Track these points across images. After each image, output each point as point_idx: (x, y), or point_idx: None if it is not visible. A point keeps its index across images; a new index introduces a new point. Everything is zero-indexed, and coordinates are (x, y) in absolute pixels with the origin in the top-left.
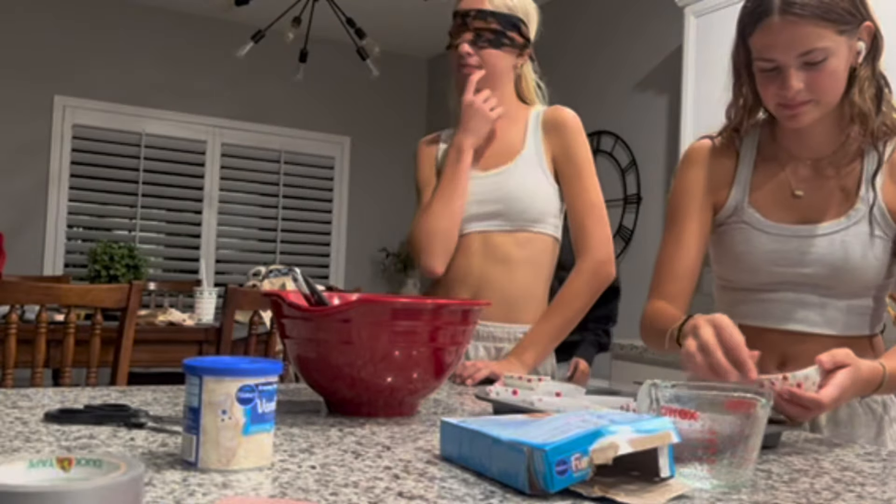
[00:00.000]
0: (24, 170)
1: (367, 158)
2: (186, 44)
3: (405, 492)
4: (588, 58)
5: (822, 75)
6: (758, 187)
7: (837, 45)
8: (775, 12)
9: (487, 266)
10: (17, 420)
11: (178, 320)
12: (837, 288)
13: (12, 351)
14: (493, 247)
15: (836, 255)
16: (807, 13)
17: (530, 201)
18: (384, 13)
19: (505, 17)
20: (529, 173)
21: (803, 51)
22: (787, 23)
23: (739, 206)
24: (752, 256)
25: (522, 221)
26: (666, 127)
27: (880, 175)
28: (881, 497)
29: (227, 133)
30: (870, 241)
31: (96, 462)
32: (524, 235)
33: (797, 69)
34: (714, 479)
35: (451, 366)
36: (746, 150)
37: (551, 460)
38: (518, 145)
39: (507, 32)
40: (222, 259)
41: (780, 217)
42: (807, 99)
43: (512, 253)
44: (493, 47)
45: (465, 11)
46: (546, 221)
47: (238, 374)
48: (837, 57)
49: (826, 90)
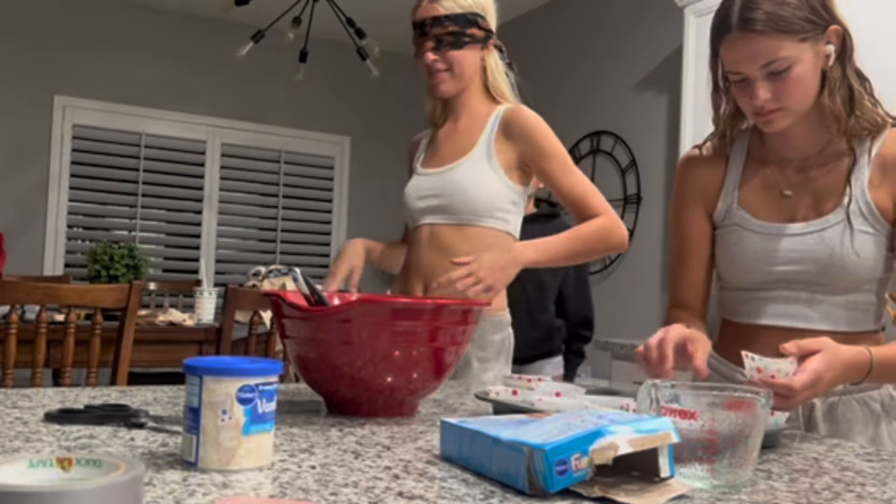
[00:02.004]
0: (24, 170)
1: (367, 158)
2: (186, 44)
3: (405, 492)
4: (588, 58)
5: (787, 83)
6: (747, 189)
7: (800, 53)
8: (734, 28)
9: (434, 258)
10: (17, 420)
11: (178, 320)
12: (830, 284)
13: (12, 351)
14: (438, 239)
15: (824, 252)
16: (764, 28)
17: (474, 196)
18: (384, 13)
19: (461, 17)
20: (476, 169)
21: (765, 62)
22: (747, 38)
23: (730, 209)
24: (745, 256)
25: (467, 215)
26: (666, 127)
27: (866, 172)
28: (881, 497)
29: (227, 133)
30: (854, 237)
31: (96, 462)
32: (472, 230)
33: (763, 79)
34: (714, 479)
35: (451, 366)
36: (736, 154)
37: (551, 460)
38: (471, 143)
39: (467, 31)
40: (222, 259)
41: (770, 217)
42: (776, 107)
43: (457, 246)
44: (455, 49)
45: (421, 21)
46: (495, 216)
47: (238, 374)
48: (802, 64)
49: (793, 97)
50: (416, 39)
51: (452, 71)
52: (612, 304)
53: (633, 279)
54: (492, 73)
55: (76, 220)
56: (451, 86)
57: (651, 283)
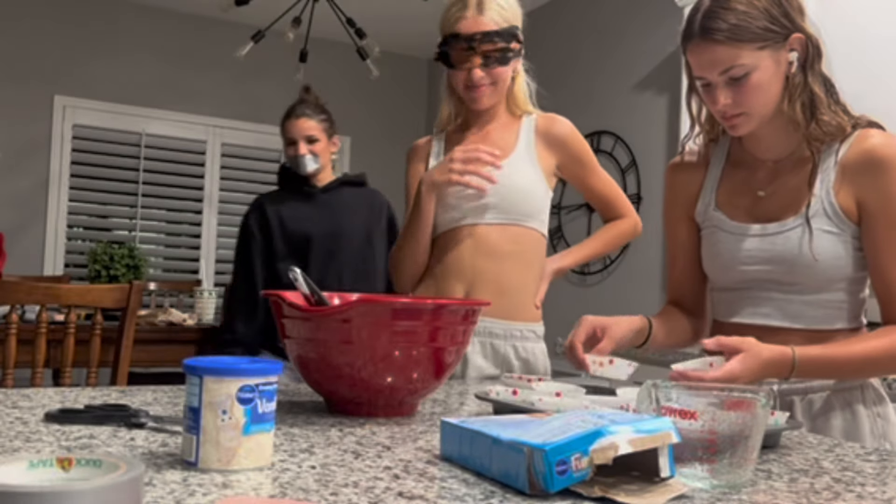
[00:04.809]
0: (24, 170)
1: (367, 158)
2: (186, 44)
3: (405, 492)
4: (588, 58)
5: (746, 89)
6: (724, 191)
7: (758, 60)
8: (696, 35)
9: (479, 259)
10: (18, 420)
11: (178, 320)
12: (799, 284)
13: (12, 351)
14: (484, 240)
15: (790, 252)
16: (722, 37)
17: (524, 196)
18: (384, 13)
19: (506, 32)
20: (523, 169)
21: (723, 69)
22: (707, 45)
23: (707, 210)
24: (721, 257)
25: (516, 215)
26: (666, 127)
27: (832, 174)
28: (881, 497)
29: (227, 133)
30: (814, 238)
31: (96, 462)
32: (515, 230)
33: (724, 86)
34: (714, 479)
35: (451, 366)
36: (716, 157)
37: (551, 460)
38: (510, 146)
39: (511, 45)
40: (222, 259)
41: (744, 218)
42: (737, 112)
43: (501, 246)
44: (502, 65)
45: (469, 35)
46: (537, 218)
47: (238, 374)
48: (760, 71)
49: (752, 103)
50: (459, 52)
51: (496, 86)
52: (612, 304)
53: (633, 279)
54: (518, 84)
55: (76, 220)
56: (492, 100)
57: (651, 283)
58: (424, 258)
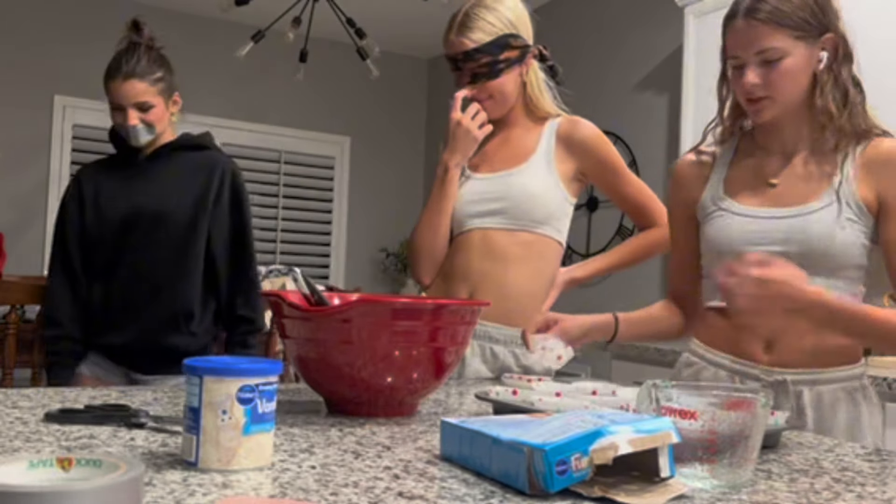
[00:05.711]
0: (24, 170)
1: (367, 158)
2: (186, 44)
3: (405, 492)
4: (588, 58)
5: (777, 73)
6: (733, 180)
7: (793, 48)
8: (740, 16)
9: (485, 263)
10: (17, 420)
11: None
12: (811, 267)
13: (12, 351)
14: (491, 244)
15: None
16: (765, 18)
17: (535, 202)
18: (384, 13)
19: (492, 46)
20: (537, 175)
21: (760, 48)
22: (748, 25)
23: (715, 198)
24: (730, 239)
25: (526, 221)
26: (666, 127)
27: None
28: (881, 497)
29: (227, 133)
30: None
31: (96, 462)
32: (526, 236)
33: (756, 66)
34: (714, 479)
35: (451, 366)
36: (724, 154)
37: (551, 460)
38: (529, 151)
39: (500, 57)
40: None
41: (755, 203)
42: (764, 94)
43: (510, 251)
44: (492, 79)
45: (453, 56)
46: (550, 224)
47: (238, 374)
48: (793, 58)
49: (780, 88)
50: (453, 72)
51: (495, 98)
52: (612, 303)
53: (633, 279)
54: (532, 89)
55: None
56: (496, 111)
57: (651, 283)
58: (444, 243)
